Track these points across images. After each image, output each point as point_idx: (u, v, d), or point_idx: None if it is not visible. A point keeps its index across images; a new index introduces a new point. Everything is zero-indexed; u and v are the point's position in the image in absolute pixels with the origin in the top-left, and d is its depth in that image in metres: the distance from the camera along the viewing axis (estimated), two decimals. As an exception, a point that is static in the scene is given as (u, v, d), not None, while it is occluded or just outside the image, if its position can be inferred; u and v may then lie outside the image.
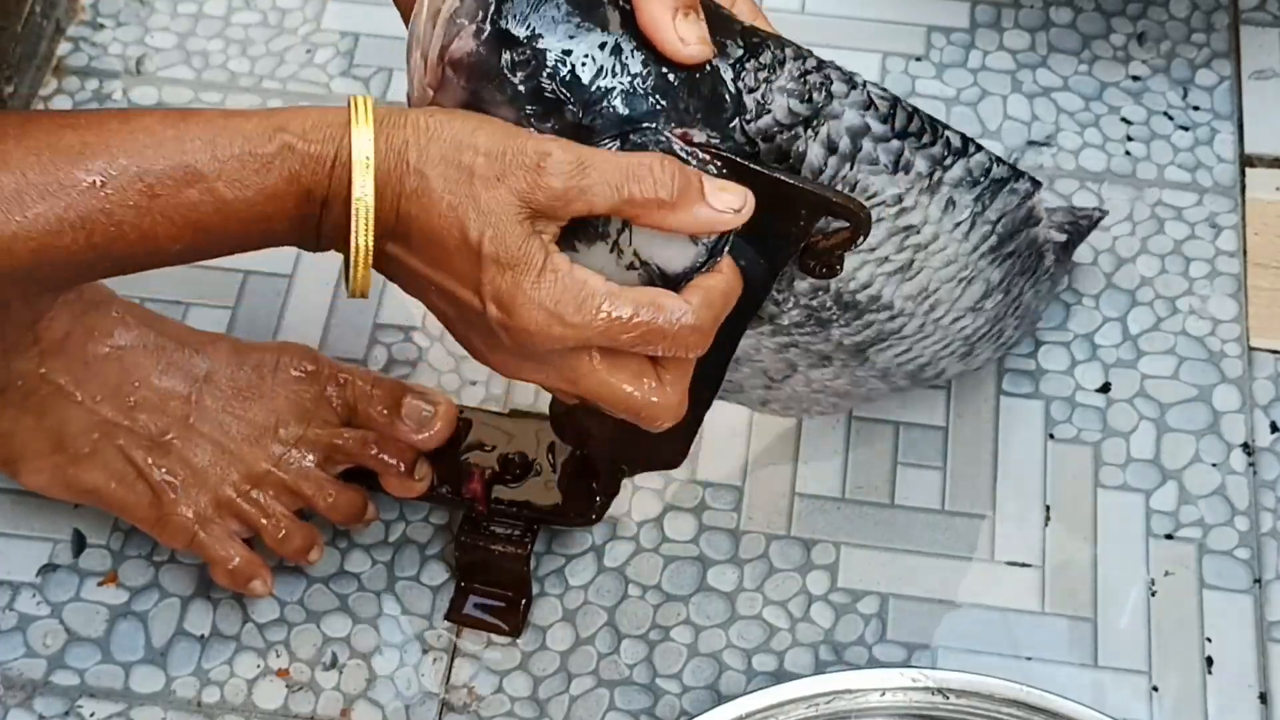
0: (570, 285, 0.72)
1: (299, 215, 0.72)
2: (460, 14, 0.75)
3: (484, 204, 0.71)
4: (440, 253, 0.72)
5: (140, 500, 0.95)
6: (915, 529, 1.01)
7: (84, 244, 0.69)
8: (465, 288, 0.73)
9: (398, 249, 0.73)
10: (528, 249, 0.72)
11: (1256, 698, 0.95)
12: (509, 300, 0.72)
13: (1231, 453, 1.04)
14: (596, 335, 0.73)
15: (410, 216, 0.71)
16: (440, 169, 0.71)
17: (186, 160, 0.70)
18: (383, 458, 0.96)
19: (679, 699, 0.96)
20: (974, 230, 0.87)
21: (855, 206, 0.77)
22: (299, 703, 0.96)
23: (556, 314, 0.72)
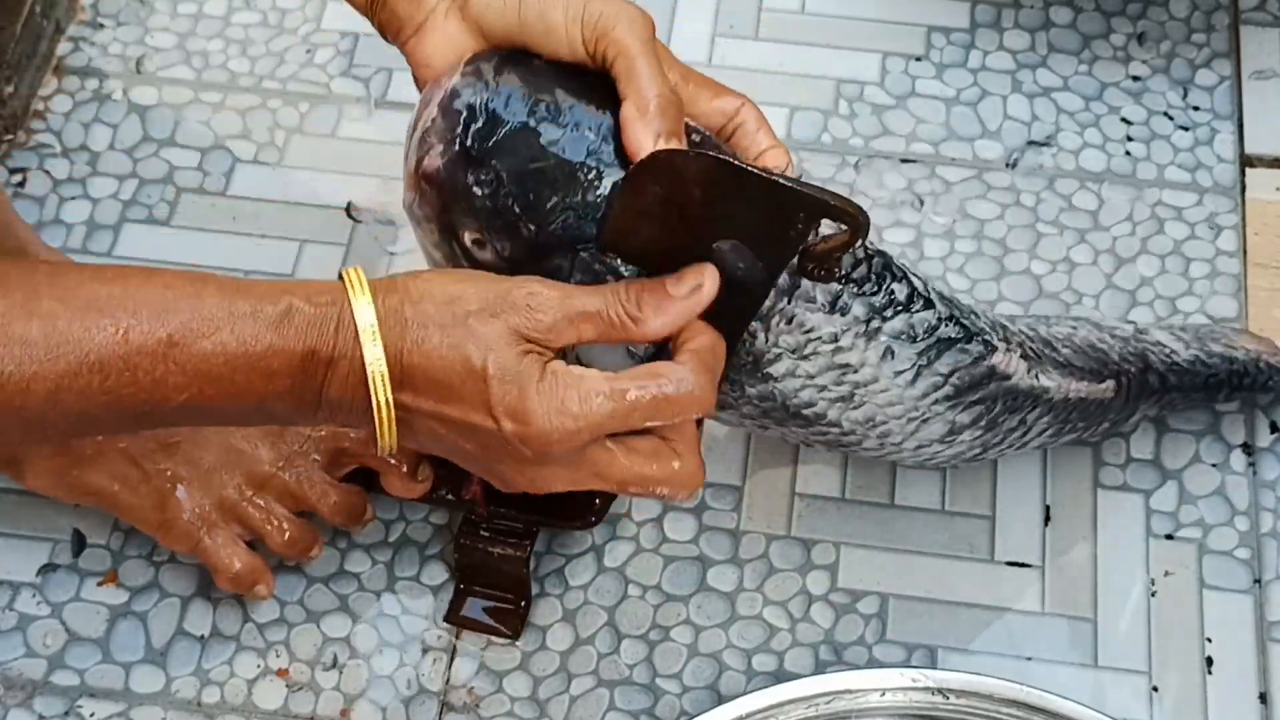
0: (570, 381, 0.76)
1: (302, 373, 0.75)
2: (431, 133, 0.81)
3: (481, 337, 0.75)
4: (448, 391, 0.75)
5: (144, 503, 0.95)
6: (915, 529, 1.01)
7: (98, 388, 0.72)
8: (478, 412, 0.75)
9: (408, 398, 0.76)
10: (527, 364, 0.75)
11: (1256, 698, 0.95)
12: (519, 409, 0.75)
13: (1231, 453, 1.04)
14: (607, 419, 0.76)
15: (414, 368, 0.75)
16: (436, 320, 0.75)
17: (203, 314, 0.74)
18: (385, 458, 0.96)
19: (679, 699, 0.96)
20: (920, 379, 0.88)
21: (853, 209, 0.77)
22: (299, 703, 0.96)
23: (564, 410, 0.75)
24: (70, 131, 1.17)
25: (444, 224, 0.82)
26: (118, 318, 0.72)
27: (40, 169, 1.15)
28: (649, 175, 0.78)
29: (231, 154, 1.16)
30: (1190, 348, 0.98)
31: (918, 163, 1.15)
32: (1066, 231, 1.12)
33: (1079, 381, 0.93)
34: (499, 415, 0.75)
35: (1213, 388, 0.99)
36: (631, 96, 0.80)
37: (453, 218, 0.81)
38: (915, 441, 0.91)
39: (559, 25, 0.81)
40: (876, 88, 1.19)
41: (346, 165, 1.15)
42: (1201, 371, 0.98)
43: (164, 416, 0.75)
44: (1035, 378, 0.91)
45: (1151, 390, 0.97)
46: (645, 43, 0.81)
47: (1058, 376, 0.92)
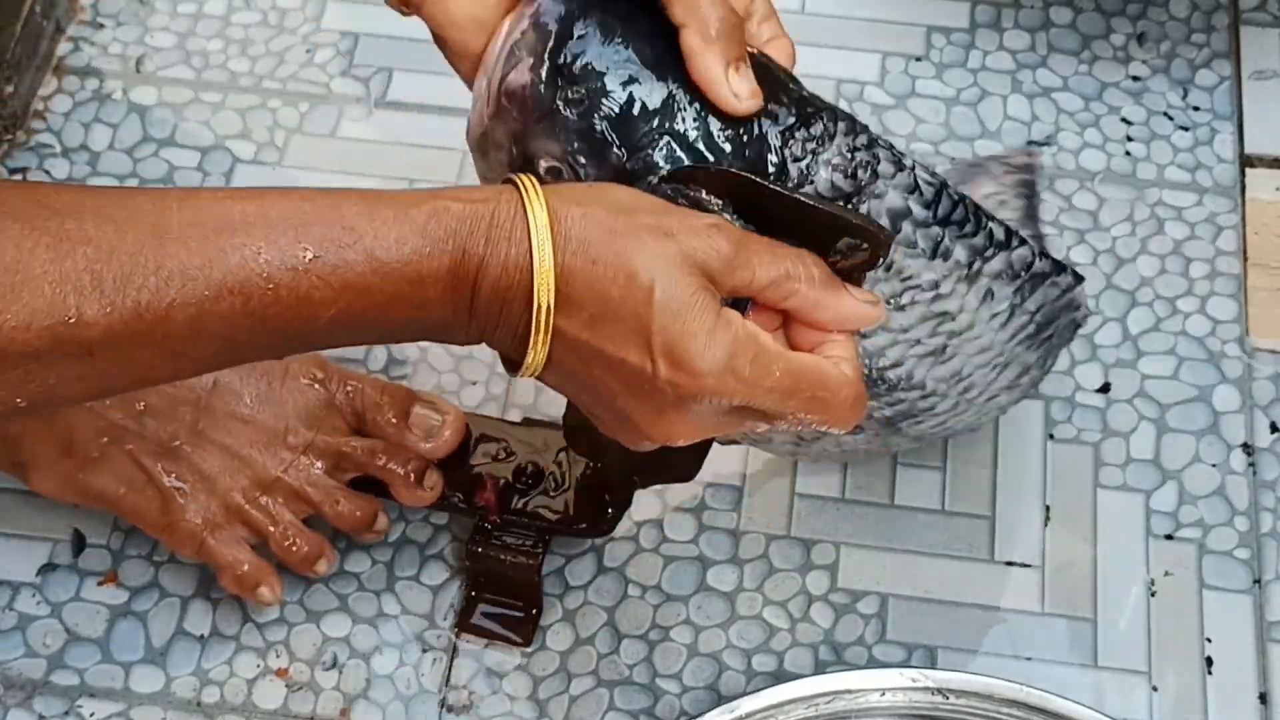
0: (746, 339, 0.71)
1: (452, 276, 0.70)
2: (521, 45, 0.76)
3: (653, 252, 0.69)
4: (605, 308, 0.70)
5: (149, 506, 0.95)
6: (915, 529, 1.01)
7: (240, 310, 0.68)
8: (632, 347, 0.70)
9: (560, 317, 0.70)
10: (700, 299, 0.70)
11: (1256, 698, 0.95)
12: (681, 351, 0.70)
13: (1231, 453, 1.04)
14: (765, 394, 0.71)
15: (574, 270, 0.69)
16: (606, 224, 0.70)
17: (345, 223, 0.69)
18: (391, 467, 0.96)
19: (679, 699, 0.96)
20: (1012, 320, 0.87)
21: (875, 229, 0.76)
22: (299, 703, 0.96)
23: (732, 366, 0.70)
24: (70, 131, 1.17)
25: (524, 147, 0.77)
26: (253, 236, 0.68)
27: (40, 169, 1.15)
28: (665, 191, 0.77)
29: (231, 154, 1.16)
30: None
31: (918, 163, 1.15)
32: (1066, 231, 1.12)
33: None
34: (656, 352, 0.69)
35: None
36: (692, 23, 0.75)
37: (535, 140, 0.76)
38: (987, 394, 0.89)
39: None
40: (876, 88, 1.19)
41: (346, 165, 1.15)
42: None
43: (314, 336, 0.70)
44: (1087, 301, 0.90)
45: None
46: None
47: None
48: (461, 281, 0.70)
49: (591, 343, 0.70)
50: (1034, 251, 0.86)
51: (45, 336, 0.65)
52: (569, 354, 0.71)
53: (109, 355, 0.67)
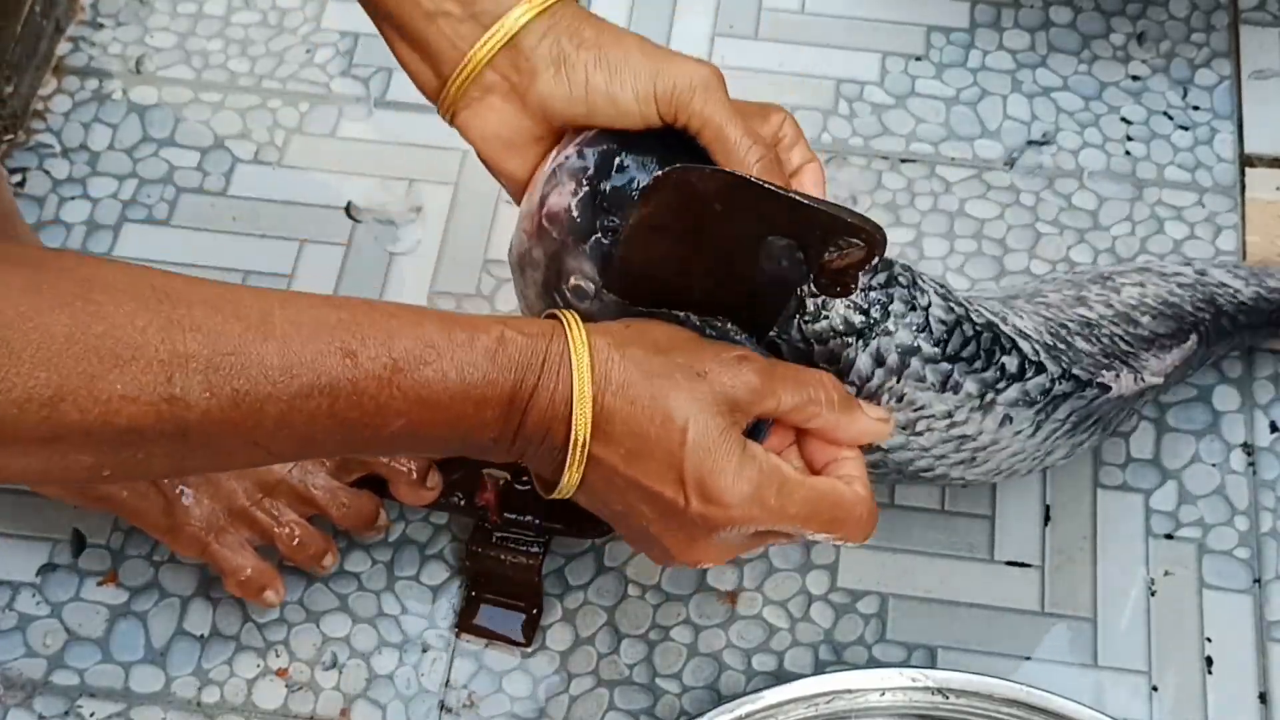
0: (770, 471, 0.76)
1: (509, 403, 0.75)
2: (563, 170, 0.81)
3: (687, 395, 0.75)
4: (642, 445, 0.75)
5: (153, 508, 0.94)
6: (915, 529, 1.01)
7: (325, 411, 0.72)
8: (666, 481, 0.76)
9: (599, 448, 0.75)
10: (729, 438, 0.75)
11: (1256, 698, 0.95)
12: (712, 486, 0.75)
13: (1231, 453, 1.04)
14: (790, 520, 0.77)
15: (614, 410, 0.75)
16: (644, 366, 0.75)
17: (426, 341, 0.74)
18: (394, 465, 0.96)
19: (679, 699, 0.96)
20: (1040, 430, 0.89)
21: (870, 227, 0.77)
22: (299, 702, 0.96)
23: (758, 498, 0.76)
24: (70, 131, 1.17)
25: (559, 265, 0.81)
26: (347, 342, 0.72)
27: (40, 169, 1.15)
28: (664, 193, 0.78)
29: (231, 154, 1.16)
30: (1250, 284, 1.00)
31: (918, 162, 1.15)
32: (1066, 231, 1.12)
33: (1170, 354, 0.94)
34: (688, 486, 0.75)
35: (1275, 322, 1.02)
36: (733, 167, 0.80)
37: (570, 260, 0.81)
38: (1041, 466, 0.93)
39: (630, 107, 0.82)
40: (876, 88, 1.19)
41: (346, 165, 1.15)
42: (1264, 307, 1.00)
43: (380, 441, 0.75)
44: (1142, 380, 0.92)
45: (1225, 333, 0.99)
46: (725, 106, 0.81)
47: (1156, 364, 0.93)
48: (514, 409, 0.75)
49: (627, 474, 0.76)
50: (1053, 378, 0.87)
51: (149, 412, 0.68)
52: (604, 482, 0.77)
53: (200, 438, 0.70)
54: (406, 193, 1.14)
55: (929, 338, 0.84)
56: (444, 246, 1.12)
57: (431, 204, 1.13)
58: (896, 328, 0.83)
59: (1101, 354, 0.91)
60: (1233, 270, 1.01)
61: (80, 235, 1.12)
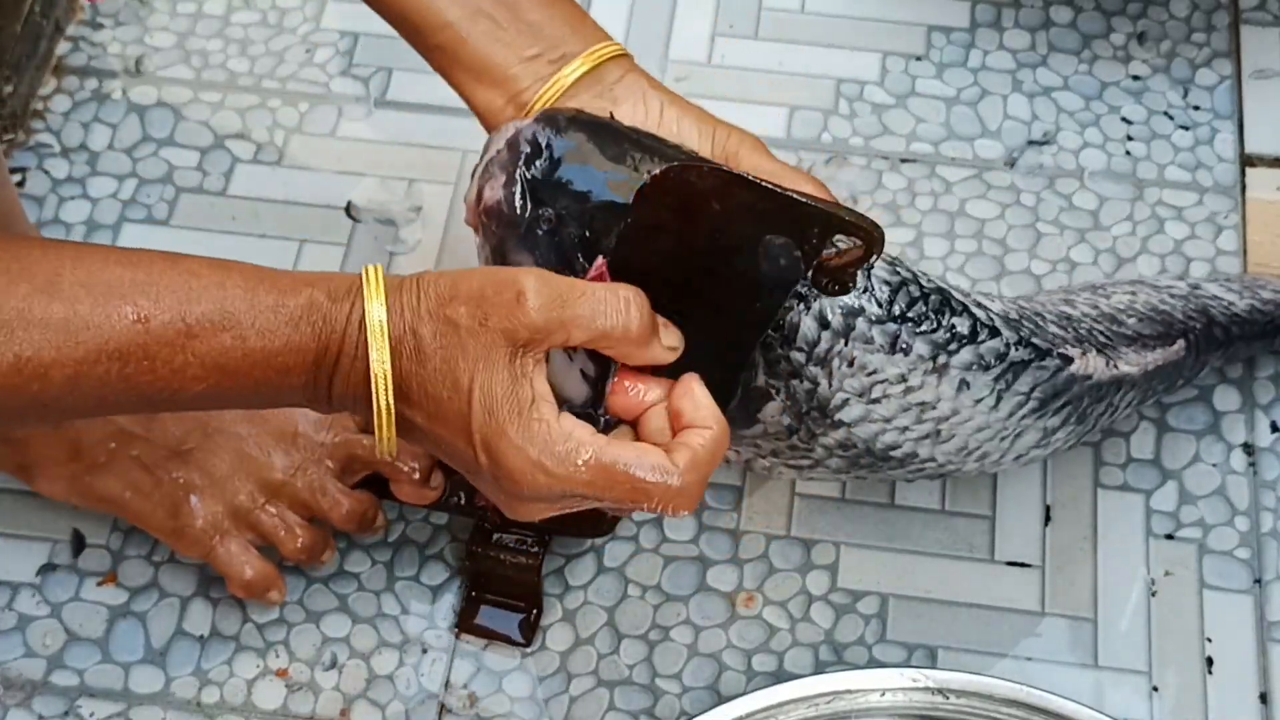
0: (555, 435, 0.74)
1: (315, 369, 0.74)
2: (495, 164, 0.81)
3: (471, 352, 0.73)
4: (436, 406, 0.74)
5: (156, 510, 0.94)
6: (915, 529, 1.01)
7: (116, 375, 0.71)
8: (460, 439, 0.74)
9: (404, 408, 0.75)
10: (514, 395, 0.73)
11: (1256, 698, 0.95)
12: (494, 448, 0.74)
13: (1232, 453, 1.03)
14: (581, 487, 0.74)
15: (410, 374, 0.74)
16: (430, 326, 0.74)
17: (226, 306, 0.72)
18: (398, 465, 0.96)
19: (679, 699, 0.96)
20: (1003, 401, 0.88)
21: (867, 225, 0.77)
22: (298, 703, 0.96)
23: (539, 463, 0.74)
24: (70, 131, 1.17)
25: (502, 258, 0.82)
26: (140, 305, 0.71)
27: (40, 169, 1.15)
28: (663, 192, 0.78)
29: (231, 154, 1.16)
30: (1244, 297, 1.00)
31: (918, 162, 1.15)
32: (1066, 231, 1.12)
33: (1153, 352, 0.94)
34: (476, 446, 0.74)
35: (1270, 333, 1.01)
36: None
37: (510, 253, 0.82)
38: (1014, 454, 0.92)
39: (692, 139, 0.84)
40: (876, 87, 1.19)
41: (346, 165, 1.15)
42: (1259, 320, 1.00)
43: (181, 403, 0.74)
44: (1115, 367, 0.91)
45: (1218, 343, 0.98)
46: (772, 161, 0.84)
47: (1134, 356, 0.92)
48: (320, 373, 0.74)
49: (434, 433, 0.75)
50: (1008, 343, 0.86)
51: None
52: (420, 437, 0.76)
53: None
54: (406, 193, 1.14)
55: (872, 298, 0.83)
56: (444, 246, 1.11)
57: (431, 204, 1.13)
58: None
59: (1074, 338, 0.91)
60: (1225, 284, 1.01)
61: (80, 235, 1.12)
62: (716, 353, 0.83)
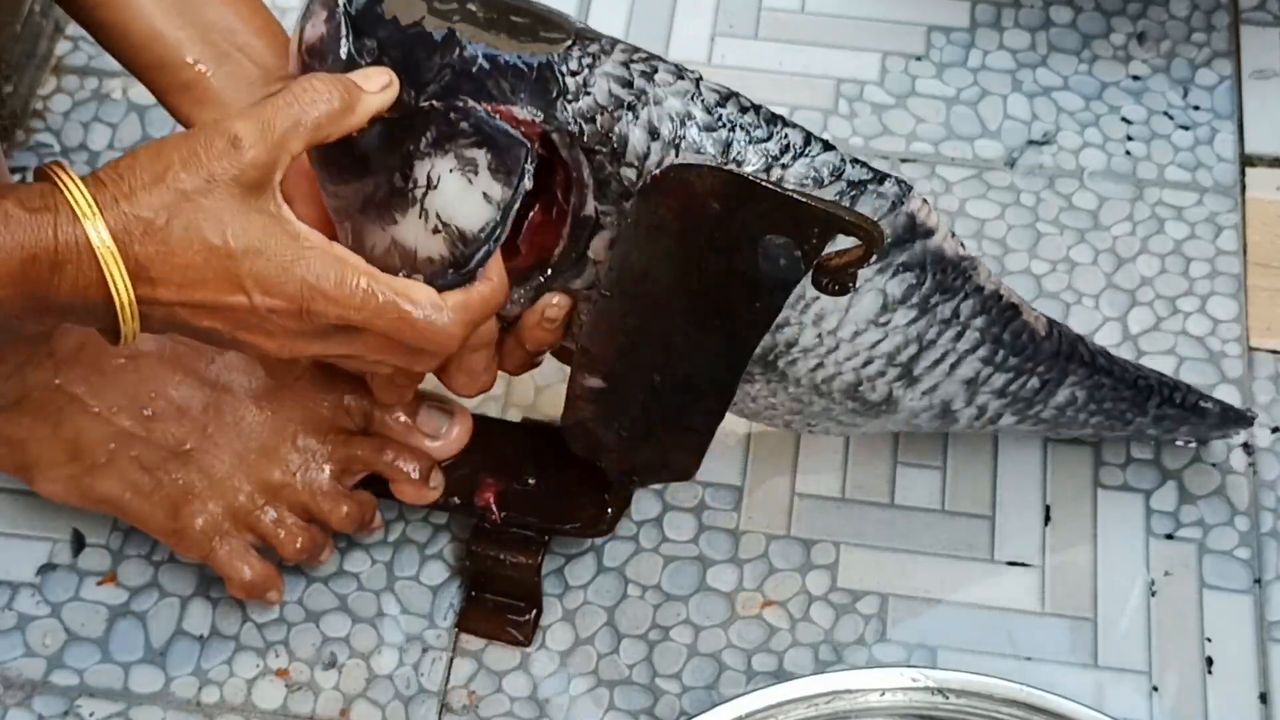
0: (330, 261, 0.75)
1: (25, 279, 0.72)
2: (315, 2, 0.80)
3: (210, 211, 0.73)
4: (193, 274, 0.74)
5: (156, 511, 0.94)
6: (915, 529, 1.01)
7: None
8: (227, 293, 0.75)
9: (145, 289, 0.74)
10: (277, 231, 0.74)
11: (1256, 698, 0.95)
12: (271, 282, 0.74)
13: (1232, 453, 1.03)
14: (354, 311, 0.76)
15: (148, 257, 0.73)
16: (153, 204, 0.73)
17: None
18: (398, 465, 0.96)
19: (679, 699, 0.96)
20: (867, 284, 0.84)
21: (868, 225, 0.77)
22: (298, 702, 0.96)
23: (318, 288, 0.75)
24: (70, 131, 1.17)
25: None
26: None
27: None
28: (662, 191, 0.78)
29: (231, 153, 1.16)
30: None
31: (918, 162, 1.15)
32: (1066, 231, 1.12)
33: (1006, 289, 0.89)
34: (250, 290, 0.74)
35: (1142, 391, 0.96)
36: None
37: None
38: (851, 327, 0.86)
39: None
40: (876, 87, 1.19)
41: (346, 165, 1.15)
42: (1132, 371, 0.96)
43: None
44: (960, 245, 0.86)
45: (1082, 360, 0.93)
46: None
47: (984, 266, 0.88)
48: (36, 284, 0.73)
49: (189, 302, 0.75)
50: (845, 158, 0.82)
51: None
52: (169, 316, 0.75)
53: None
54: (406, 192, 1.14)
55: (701, 103, 0.81)
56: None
57: (431, 204, 1.13)
58: (665, 95, 0.80)
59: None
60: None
61: (80, 235, 1.12)
62: (716, 353, 0.83)
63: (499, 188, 0.79)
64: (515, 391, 1.05)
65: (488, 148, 0.78)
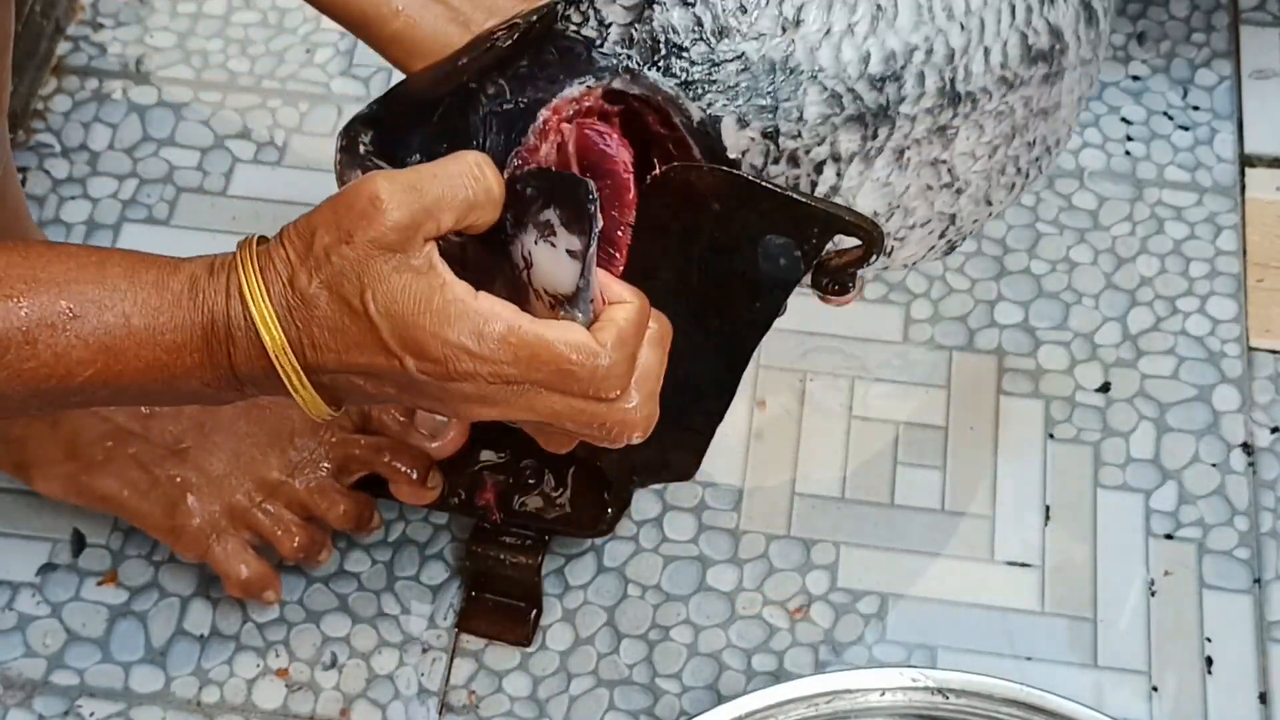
0: (474, 314, 0.71)
1: (206, 347, 0.72)
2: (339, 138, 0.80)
3: (349, 269, 0.71)
4: (341, 340, 0.72)
5: (154, 509, 0.94)
6: (915, 529, 1.01)
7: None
8: (378, 355, 0.72)
9: (314, 358, 0.72)
10: (414, 290, 0.71)
11: (1256, 698, 0.95)
12: (413, 342, 0.71)
13: (1231, 452, 1.04)
14: (507, 366, 0.71)
15: (306, 323, 0.72)
16: (304, 270, 0.71)
17: (107, 285, 0.71)
18: (395, 465, 0.96)
19: (679, 699, 0.96)
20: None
21: (868, 224, 0.77)
22: (299, 702, 0.96)
23: (460, 344, 0.71)
24: (70, 131, 1.17)
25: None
26: (17, 289, 0.70)
27: (40, 169, 1.15)
28: (662, 191, 0.78)
29: (231, 154, 1.16)
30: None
31: (917, 162, 1.15)
32: (1066, 231, 1.12)
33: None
34: (398, 352, 0.71)
35: None
36: None
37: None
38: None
39: None
40: (876, 87, 1.19)
41: (346, 165, 1.15)
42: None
43: (74, 394, 0.72)
44: None
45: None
46: None
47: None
48: (216, 353, 0.72)
49: (352, 366, 0.72)
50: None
51: None
52: (344, 383, 0.73)
53: None
54: (406, 193, 1.14)
55: None
56: (444, 246, 1.12)
57: (431, 204, 1.13)
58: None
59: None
60: None
61: (80, 235, 1.12)
62: (716, 353, 0.83)
63: (576, 239, 0.74)
64: (515, 391, 1.05)
65: (554, 204, 0.74)
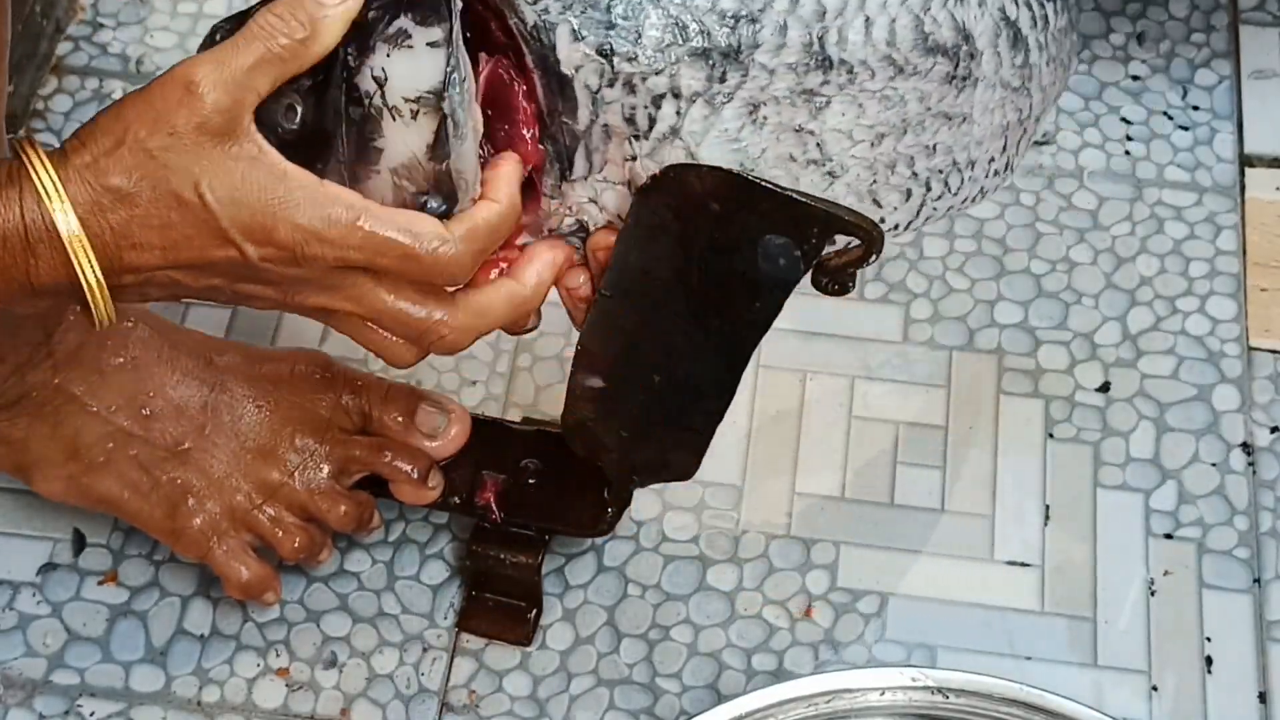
0: (321, 200, 0.70)
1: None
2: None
3: (176, 161, 0.69)
4: (167, 234, 0.70)
5: (154, 510, 0.94)
6: (915, 529, 1.01)
7: None
8: (215, 248, 0.70)
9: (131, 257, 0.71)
10: (254, 177, 0.70)
11: (1256, 697, 0.96)
12: (259, 229, 0.70)
13: (1231, 452, 1.04)
14: (355, 250, 0.71)
15: (124, 223, 0.70)
16: (118, 168, 0.70)
17: None
18: (396, 465, 0.96)
19: (679, 698, 0.96)
20: None
21: (867, 224, 0.77)
22: (299, 702, 0.96)
23: (311, 230, 0.70)
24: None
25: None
26: None
27: (40, 168, 1.15)
28: (662, 191, 0.78)
29: (231, 153, 1.16)
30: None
31: (917, 162, 1.15)
32: (1066, 231, 1.12)
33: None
34: (238, 241, 0.70)
35: None
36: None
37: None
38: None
39: None
40: (876, 87, 1.19)
41: (346, 165, 1.15)
42: None
43: None
44: None
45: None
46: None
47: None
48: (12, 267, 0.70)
49: (177, 263, 0.71)
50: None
51: None
52: (166, 281, 0.72)
53: None
54: (406, 192, 1.14)
55: None
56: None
57: (431, 204, 1.13)
58: None
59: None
60: None
61: (80, 235, 1.12)
62: (716, 353, 0.83)
63: (435, 29, 0.73)
64: (515, 391, 1.06)
65: (404, 11, 0.73)
